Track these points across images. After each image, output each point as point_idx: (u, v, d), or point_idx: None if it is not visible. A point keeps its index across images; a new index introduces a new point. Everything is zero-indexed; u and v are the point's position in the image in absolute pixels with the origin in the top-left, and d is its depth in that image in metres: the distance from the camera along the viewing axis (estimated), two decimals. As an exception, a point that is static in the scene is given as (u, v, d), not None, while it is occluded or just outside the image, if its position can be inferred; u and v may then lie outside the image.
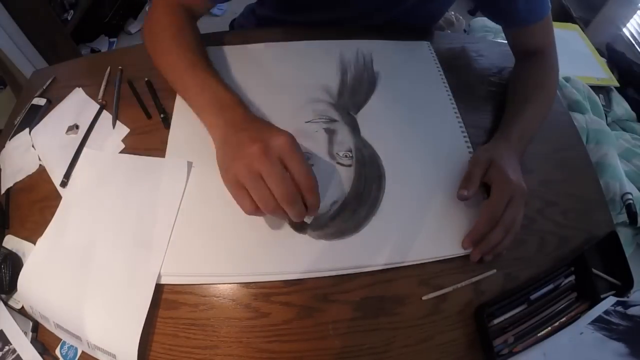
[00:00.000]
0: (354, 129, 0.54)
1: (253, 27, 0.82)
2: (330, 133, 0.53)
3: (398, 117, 0.56)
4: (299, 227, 0.46)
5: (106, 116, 0.56)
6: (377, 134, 0.54)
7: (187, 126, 0.53)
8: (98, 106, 0.57)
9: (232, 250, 0.45)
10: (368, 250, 0.45)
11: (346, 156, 0.51)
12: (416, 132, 0.55)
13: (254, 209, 0.40)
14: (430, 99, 0.59)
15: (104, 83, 0.59)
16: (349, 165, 0.51)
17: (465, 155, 0.53)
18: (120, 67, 0.60)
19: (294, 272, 0.44)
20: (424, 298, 0.44)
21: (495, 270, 0.46)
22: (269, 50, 0.62)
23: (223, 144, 0.44)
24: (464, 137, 0.55)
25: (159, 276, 0.43)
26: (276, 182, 0.38)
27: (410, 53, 0.64)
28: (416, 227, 0.47)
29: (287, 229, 0.46)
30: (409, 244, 0.46)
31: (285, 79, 0.59)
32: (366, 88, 0.59)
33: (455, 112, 0.58)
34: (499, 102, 0.62)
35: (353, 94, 0.58)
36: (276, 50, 0.62)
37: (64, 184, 0.50)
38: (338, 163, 0.51)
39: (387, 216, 0.47)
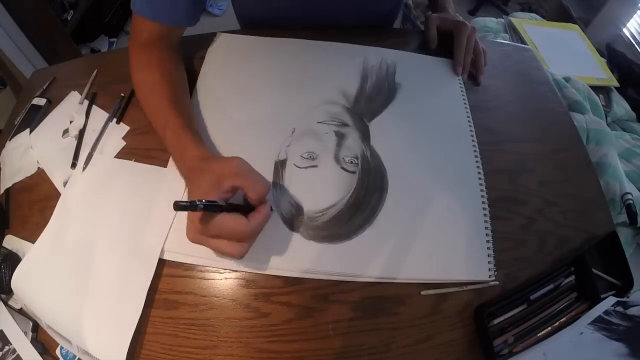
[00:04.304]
0: (365, 136, 0.53)
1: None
2: (340, 137, 0.53)
3: (411, 132, 0.55)
4: (291, 224, 0.46)
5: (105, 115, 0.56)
6: (387, 146, 0.52)
7: None
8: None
9: None
10: (359, 259, 0.44)
11: (351, 162, 0.51)
12: (427, 150, 0.53)
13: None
14: (448, 118, 0.57)
15: (88, 85, 0.59)
16: (353, 172, 0.50)
17: (474, 184, 0.51)
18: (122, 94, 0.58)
19: (283, 269, 0.44)
20: (423, 293, 0.44)
21: (497, 282, 0.46)
22: (292, 46, 0.62)
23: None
24: (477, 162, 0.53)
25: (166, 253, 0.44)
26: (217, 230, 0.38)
27: (435, 68, 0.63)
28: (409, 245, 0.46)
29: (280, 224, 0.46)
30: (400, 261, 0.45)
31: (305, 77, 0.59)
32: (384, 97, 0.58)
33: (472, 136, 0.55)
34: (497, 100, 0.62)
35: (370, 101, 0.57)
36: (300, 47, 0.62)
37: (73, 164, 0.51)
38: (342, 168, 0.50)
39: (382, 229, 0.46)
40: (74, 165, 0.51)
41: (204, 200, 0.36)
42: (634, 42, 1.50)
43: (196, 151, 0.43)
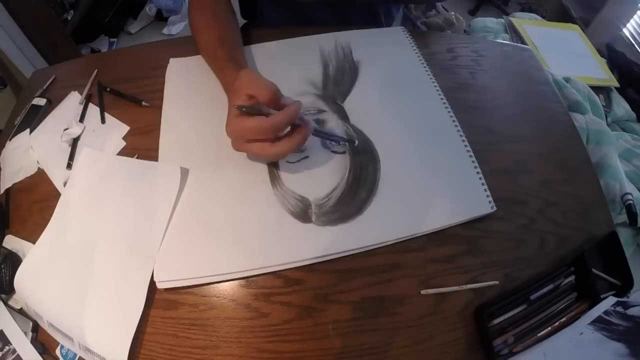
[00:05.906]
0: (343, 117, 0.56)
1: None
2: (321, 123, 0.55)
3: (383, 100, 0.58)
4: (303, 216, 0.47)
5: (106, 116, 0.56)
6: (366, 119, 0.55)
7: (177, 130, 0.53)
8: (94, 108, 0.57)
9: (237, 248, 0.45)
10: (376, 228, 0.47)
11: (339, 144, 0.53)
12: (402, 112, 0.57)
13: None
14: (411, 79, 0.61)
15: (88, 85, 0.59)
16: (343, 152, 0.52)
17: (451, 128, 0.55)
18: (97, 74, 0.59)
19: (302, 260, 0.45)
20: (422, 292, 0.44)
21: (497, 282, 0.46)
22: (250, 52, 0.63)
23: None
24: (448, 112, 0.57)
25: (158, 283, 0.43)
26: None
27: (386, 39, 0.67)
28: (415, 202, 0.49)
29: (292, 221, 0.47)
30: (412, 218, 0.48)
31: (270, 77, 0.59)
32: (349, 77, 0.60)
33: (437, 89, 0.59)
34: (497, 101, 0.62)
35: (337, 84, 0.59)
36: (257, 52, 0.63)
37: (69, 165, 0.51)
38: (332, 152, 0.52)
39: (386, 195, 0.49)
40: (69, 166, 0.51)
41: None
42: (634, 42, 1.50)
43: (230, 77, 0.50)
